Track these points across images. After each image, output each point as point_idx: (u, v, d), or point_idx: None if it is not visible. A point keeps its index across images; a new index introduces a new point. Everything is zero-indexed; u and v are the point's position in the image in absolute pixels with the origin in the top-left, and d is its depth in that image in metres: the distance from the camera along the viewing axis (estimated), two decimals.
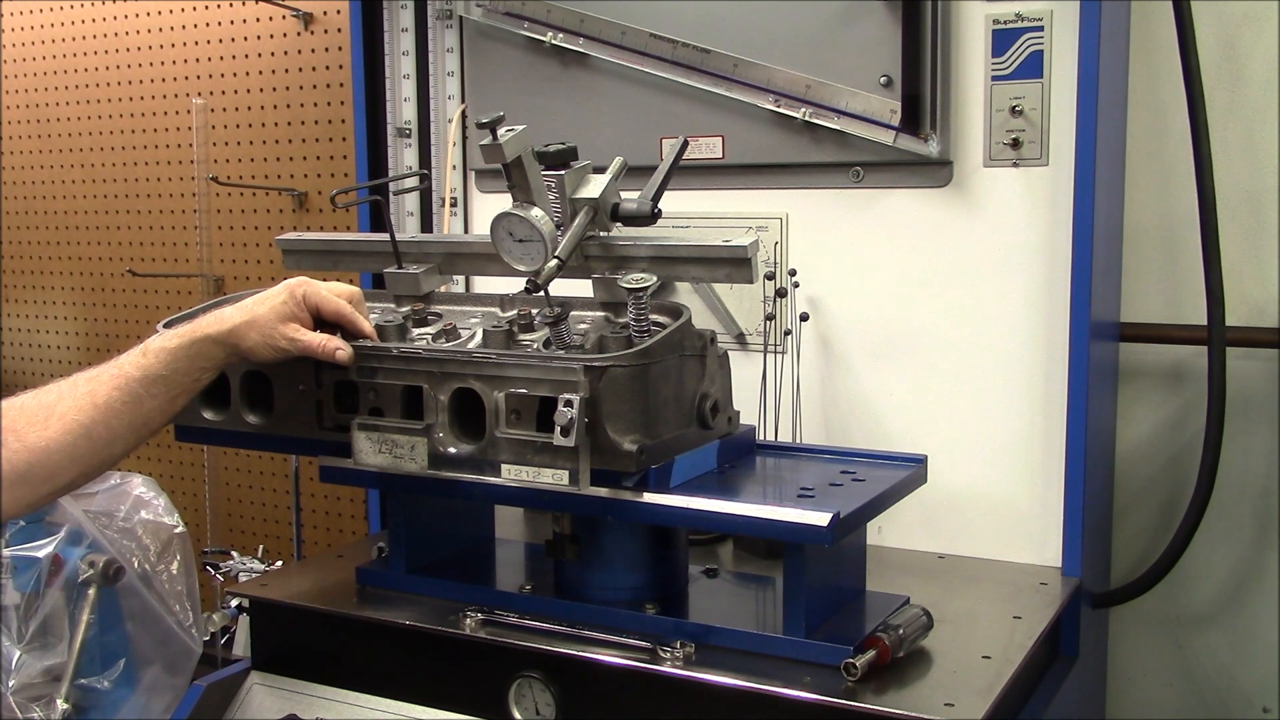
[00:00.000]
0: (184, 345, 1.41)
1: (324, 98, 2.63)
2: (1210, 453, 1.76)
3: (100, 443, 1.36)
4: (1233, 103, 1.89)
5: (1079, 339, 1.66)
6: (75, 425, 1.34)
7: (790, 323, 1.85)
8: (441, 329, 1.56)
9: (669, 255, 1.52)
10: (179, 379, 1.41)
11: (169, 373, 1.40)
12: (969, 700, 1.29)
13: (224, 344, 1.43)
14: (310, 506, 2.74)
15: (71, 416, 1.34)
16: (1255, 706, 1.97)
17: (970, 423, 1.78)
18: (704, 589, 1.60)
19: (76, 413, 1.34)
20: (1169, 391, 1.98)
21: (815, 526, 1.32)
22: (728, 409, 1.56)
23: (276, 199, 2.72)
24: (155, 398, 1.40)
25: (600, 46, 1.93)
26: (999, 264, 1.74)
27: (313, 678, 1.60)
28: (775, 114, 1.82)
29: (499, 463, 1.41)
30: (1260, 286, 1.90)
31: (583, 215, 1.51)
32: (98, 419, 1.35)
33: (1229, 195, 1.85)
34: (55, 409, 1.34)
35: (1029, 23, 1.69)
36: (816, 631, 1.40)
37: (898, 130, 1.74)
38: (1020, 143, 1.71)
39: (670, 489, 1.41)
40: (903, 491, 1.52)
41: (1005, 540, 1.77)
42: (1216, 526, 1.91)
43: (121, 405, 1.37)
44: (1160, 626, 2.02)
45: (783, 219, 1.88)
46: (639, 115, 1.91)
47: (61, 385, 1.38)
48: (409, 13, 2.11)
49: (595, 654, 1.41)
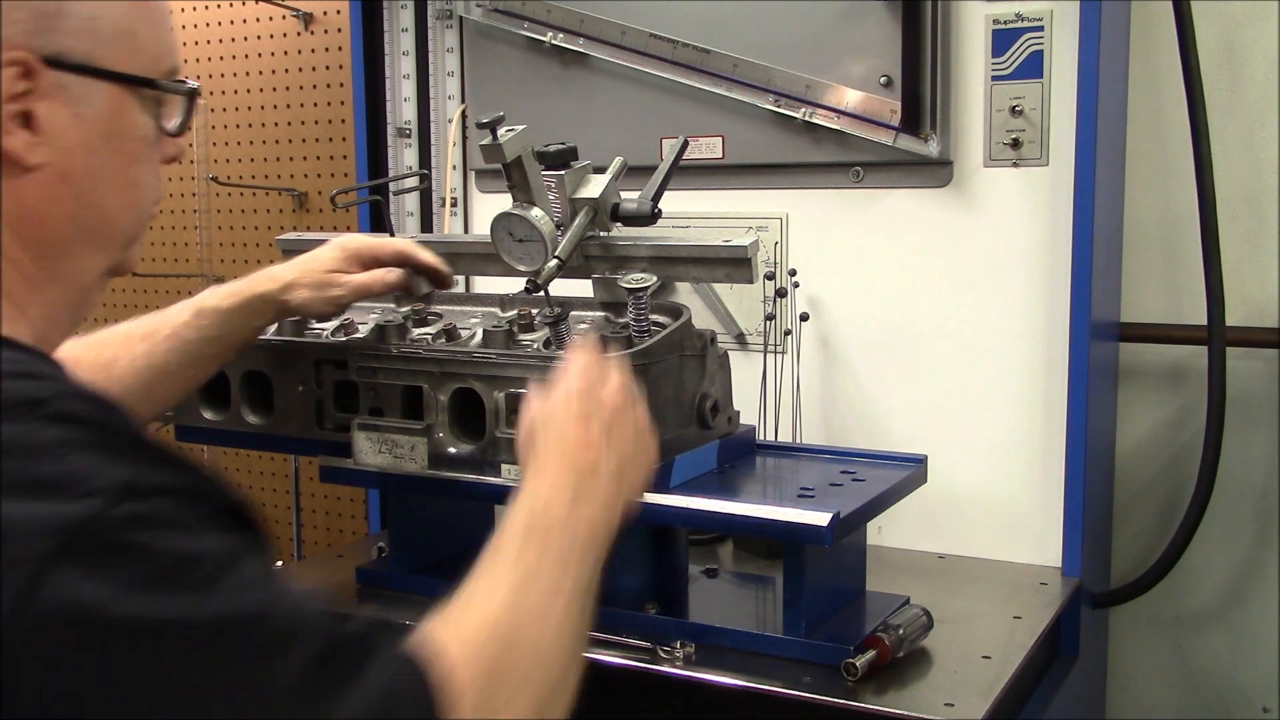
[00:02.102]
0: (237, 305, 1.39)
1: (324, 98, 2.63)
2: (1210, 453, 1.76)
3: (156, 405, 1.36)
4: (1233, 103, 1.88)
5: (1079, 339, 1.66)
6: (135, 387, 1.32)
7: (790, 323, 1.85)
8: (442, 329, 1.56)
9: (669, 255, 1.52)
10: (231, 339, 1.40)
11: (222, 334, 1.39)
12: (969, 700, 1.29)
13: (275, 301, 1.41)
14: (310, 506, 2.74)
15: (130, 380, 1.32)
16: (1255, 706, 1.97)
17: (970, 423, 1.78)
18: (704, 589, 1.60)
19: (134, 375, 1.33)
20: (1169, 391, 1.98)
21: (815, 526, 1.32)
22: (728, 409, 1.56)
23: (276, 199, 2.72)
24: (211, 359, 1.40)
25: (600, 46, 1.93)
26: (999, 264, 1.74)
27: None
28: (775, 114, 1.82)
29: (499, 463, 1.41)
30: (1260, 286, 1.90)
31: (583, 215, 1.51)
32: (154, 381, 1.34)
33: (1229, 195, 1.85)
34: (113, 369, 1.32)
35: (1029, 23, 1.69)
36: (816, 631, 1.40)
37: (898, 130, 1.74)
38: (1020, 143, 1.71)
39: (670, 489, 1.41)
40: (903, 491, 1.52)
41: (1005, 540, 1.77)
42: (1216, 526, 1.91)
43: (177, 368, 1.36)
44: (1160, 626, 2.02)
45: (783, 219, 1.88)
46: (639, 115, 1.91)
47: (114, 340, 1.35)
48: (409, 13, 2.11)
49: (595, 654, 1.41)
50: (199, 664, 0.69)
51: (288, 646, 0.72)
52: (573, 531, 0.96)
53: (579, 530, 0.97)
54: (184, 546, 0.72)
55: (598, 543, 0.99)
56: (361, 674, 0.75)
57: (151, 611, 0.69)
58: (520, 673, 0.85)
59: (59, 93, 0.84)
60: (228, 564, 0.73)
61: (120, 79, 0.88)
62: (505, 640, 0.85)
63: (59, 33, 0.84)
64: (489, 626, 0.85)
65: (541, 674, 0.87)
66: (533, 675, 0.86)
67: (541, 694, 0.87)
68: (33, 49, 0.82)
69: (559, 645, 0.89)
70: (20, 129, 0.83)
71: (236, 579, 0.73)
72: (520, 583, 0.90)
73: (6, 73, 0.81)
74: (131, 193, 0.92)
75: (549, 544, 0.94)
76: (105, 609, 0.67)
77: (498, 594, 0.88)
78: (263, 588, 0.75)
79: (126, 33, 0.88)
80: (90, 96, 0.86)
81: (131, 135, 0.91)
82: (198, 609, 0.70)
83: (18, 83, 0.82)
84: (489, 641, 0.84)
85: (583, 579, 0.95)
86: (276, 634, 0.73)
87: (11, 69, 0.82)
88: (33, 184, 0.85)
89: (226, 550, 0.74)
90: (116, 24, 0.87)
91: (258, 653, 0.71)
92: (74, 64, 0.85)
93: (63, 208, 0.87)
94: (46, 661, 0.66)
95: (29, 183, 0.85)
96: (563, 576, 0.93)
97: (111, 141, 0.89)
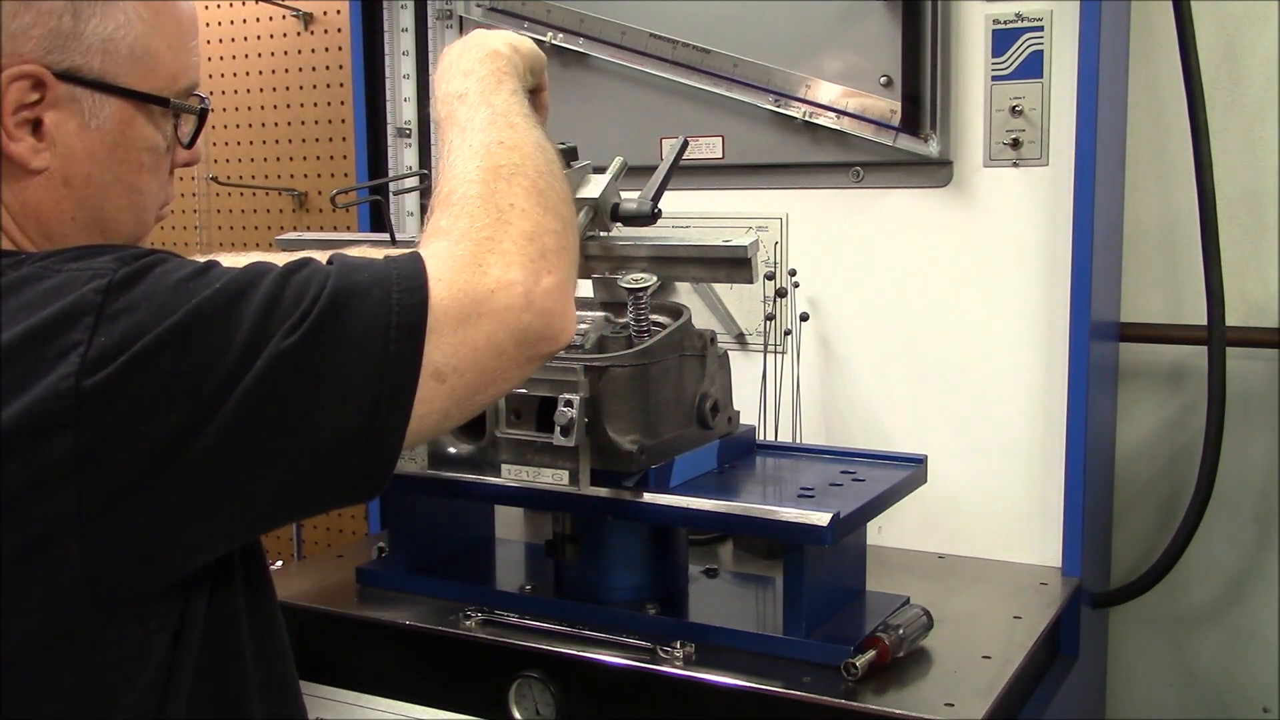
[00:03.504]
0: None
1: (324, 98, 2.63)
2: (1210, 453, 1.76)
3: None
4: (1233, 103, 1.88)
5: (1079, 339, 1.66)
6: None
7: (790, 323, 1.85)
8: None
9: (669, 255, 1.52)
10: None
11: None
12: (969, 700, 1.29)
13: None
14: None
15: None
16: (1255, 706, 1.97)
17: (970, 423, 1.78)
18: (704, 589, 1.60)
19: None
20: (1169, 391, 1.98)
21: (815, 526, 1.32)
22: (728, 409, 1.56)
23: (276, 199, 2.72)
24: None
25: (600, 46, 1.93)
26: (999, 264, 1.74)
27: (313, 678, 1.60)
28: (775, 114, 1.82)
29: (499, 463, 1.41)
30: (1260, 286, 1.90)
31: (583, 215, 1.51)
32: None
33: (1229, 195, 1.85)
34: None
35: (1029, 23, 1.69)
36: (816, 631, 1.39)
37: (898, 130, 1.74)
38: (1020, 143, 1.71)
39: (670, 489, 1.41)
40: (903, 491, 1.52)
41: (1005, 540, 1.76)
42: (1216, 526, 1.91)
43: None
44: (1160, 626, 2.02)
45: (783, 219, 1.88)
46: (639, 115, 1.91)
47: None
48: (409, 13, 2.11)
49: (595, 654, 1.41)
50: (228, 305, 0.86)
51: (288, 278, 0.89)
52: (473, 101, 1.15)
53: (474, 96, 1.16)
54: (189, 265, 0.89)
55: (488, 87, 1.16)
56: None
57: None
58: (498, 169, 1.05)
59: (69, 104, 0.92)
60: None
61: (131, 95, 0.95)
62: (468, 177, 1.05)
63: (74, 51, 0.91)
64: (452, 183, 1.06)
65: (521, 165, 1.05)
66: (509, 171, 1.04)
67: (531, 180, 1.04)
68: (47, 64, 0.90)
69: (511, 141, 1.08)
70: (28, 135, 0.91)
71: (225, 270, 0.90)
72: (460, 144, 1.11)
73: (18, 84, 0.89)
74: (132, 198, 0.98)
75: (456, 118, 1.15)
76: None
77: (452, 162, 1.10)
78: (252, 269, 0.89)
79: (144, 53, 0.95)
80: (100, 109, 0.94)
81: (138, 146, 0.97)
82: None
83: (29, 93, 0.90)
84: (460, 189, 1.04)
85: (497, 105, 1.13)
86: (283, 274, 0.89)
87: (24, 81, 0.89)
88: (36, 186, 0.93)
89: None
90: (134, 45, 0.94)
91: (273, 281, 0.88)
92: (86, 79, 0.92)
93: (64, 209, 0.94)
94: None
95: (32, 184, 0.93)
96: (479, 112, 1.13)
97: (117, 151, 0.96)
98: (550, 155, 1.10)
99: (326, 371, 0.86)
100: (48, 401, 0.79)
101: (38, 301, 0.83)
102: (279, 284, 0.87)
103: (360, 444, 0.89)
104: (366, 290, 0.89)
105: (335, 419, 0.87)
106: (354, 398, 0.87)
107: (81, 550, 0.81)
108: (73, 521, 0.80)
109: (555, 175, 1.08)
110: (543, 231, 1.00)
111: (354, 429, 0.88)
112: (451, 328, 0.91)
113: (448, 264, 0.93)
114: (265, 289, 0.87)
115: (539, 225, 1.00)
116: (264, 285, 0.87)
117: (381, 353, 0.88)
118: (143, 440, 0.81)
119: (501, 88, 1.16)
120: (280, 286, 0.87)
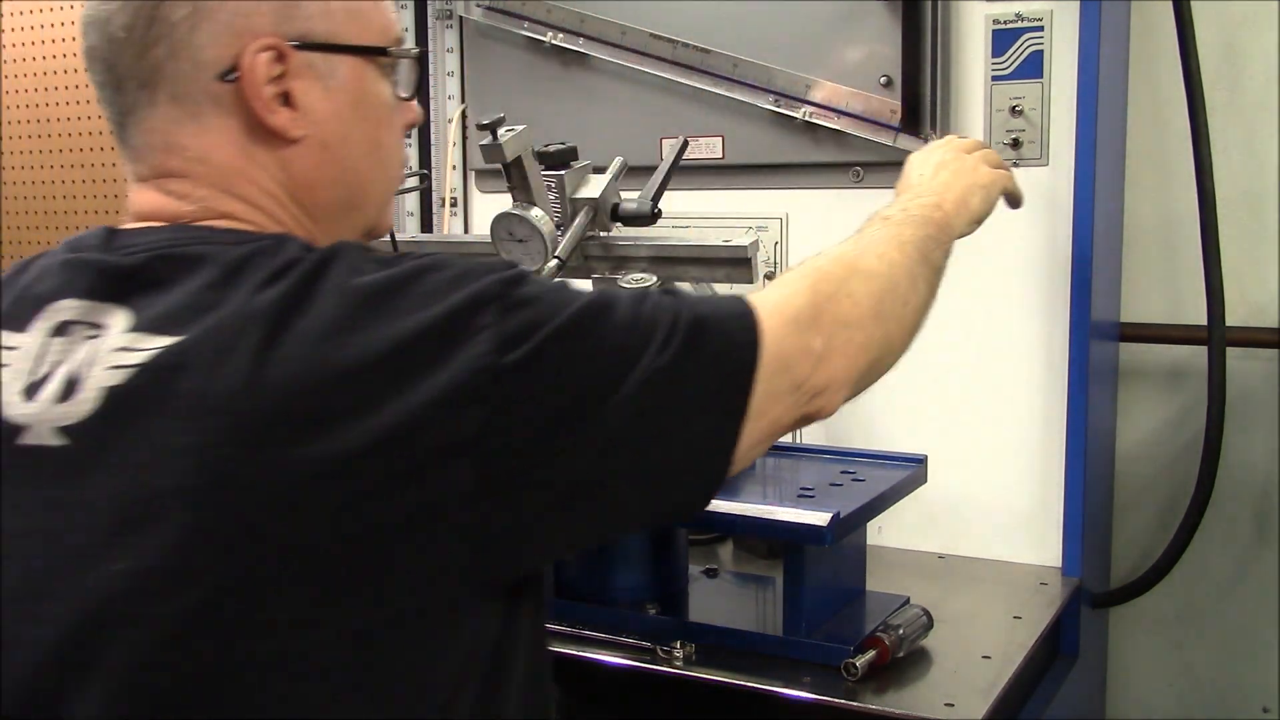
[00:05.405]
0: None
1: None
2: (1210, 453, 1.76)
3: None
4: (1233, 103, 1.88)
5: (1079, 339, 1.66)
6: None
7: None
8: None
9: (669, 255, 1.53)
10: None
11: None
12: (969, 700, 1.29)
13: None
14: None
15: None
16: (1255, 706, 1.97)
17: (970, 423, 1.78)
18: (704, 589, 1.60)
19: None
20: (1169, 391, 1.98)
21: (815, 526, 1.32)
22: None
23: None
24: None
25: (600, 46, 1.93)
26: (998, 264, 1.74)
27: None
28: (775, 114, 1.82)
29: None
30: (1260, 286, 1.90)
31: (583, 215, 1.51)
32: None
33: (1229, 195, 1.85)
34: None
35: (1029, 23, 1.69)
36: (816, 631, 1.40)
37: (898, 130, 1.74)
38: (1020, 143, 1.71)
39: None
40: (903, 491, 1.52)
41: (1005, 540, 1.76)
42: (1216, 526, 1.91)
43: None
44: (1160, 626, 2.02)
45: (783, 219, 1.88)
46: (639, 115, 1.91)
47: None
48: (409, 13, 2.11)
49: (595, 654, 1.41)
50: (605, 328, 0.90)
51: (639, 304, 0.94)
52: (907, 215, 1.27)
53: (914, 213, 1.28)
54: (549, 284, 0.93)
55: (934, 224, 1.26)
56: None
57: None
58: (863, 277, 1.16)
59: (308, 71, 0.97)
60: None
61: (357, 51, 1.00)
62: (839, 271, 1.15)
63: (299, 19, 0.96)
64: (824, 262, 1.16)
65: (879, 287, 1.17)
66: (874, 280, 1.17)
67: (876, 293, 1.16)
68: (280, 34, 0.95)
69: (896, 265, 1.19)
70: (282, 107, 0.96)
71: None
72: (855, 245, 1.21)
73: (262, 58, 0.94)
74: (378, 154, 1.04)
75: (885, 222, 1.25)
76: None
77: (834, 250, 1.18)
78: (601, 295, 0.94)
79: (355, 11, 1.00)
80: (334, 71, 0.99)
81: (373, 102, 1.02)
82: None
83: (273, 66, 0.95)
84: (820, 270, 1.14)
85: (918, 237, 1.23)
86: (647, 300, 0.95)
87: (266, 54, 0.94)
88: (300, 155, 0.98)
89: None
90: (346, 5, 1.00)
91: (628, 303, 0.93)
92: (317, 43, 0.97)
93: (327, 173, 1.00)
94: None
95: (297, 154, 0.98)
96: (899, 232, 1.23)
97: (359, 109, 1.01)
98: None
99: (689, 389, 0.92)
100: (472, 375, 0.83)
101: (444, 288, 0.87)
102: (639, 300, 0.94)
103: (705, 459, 0.94)
104: (720, 321, 0.95)
105: (690, 433, 0.92)
106: (705, 416, 0.93)
107: (473, 524, 0.83)
108: (468, 496, 0.83)
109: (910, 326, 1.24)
110: (885, 354, 1.16)
111: (703, 446, 0.93)
112: (767, 378, 0.97)
113: (791, 327, 1.01)
114: (628, 303, 0.93)
115: (886, 348, 1.17)
116: (626, 300, 0.93)
117: (728, 379, 0.94)
118: (543, 421, 0.85)
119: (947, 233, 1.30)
120: (640, 303, 0.93)
